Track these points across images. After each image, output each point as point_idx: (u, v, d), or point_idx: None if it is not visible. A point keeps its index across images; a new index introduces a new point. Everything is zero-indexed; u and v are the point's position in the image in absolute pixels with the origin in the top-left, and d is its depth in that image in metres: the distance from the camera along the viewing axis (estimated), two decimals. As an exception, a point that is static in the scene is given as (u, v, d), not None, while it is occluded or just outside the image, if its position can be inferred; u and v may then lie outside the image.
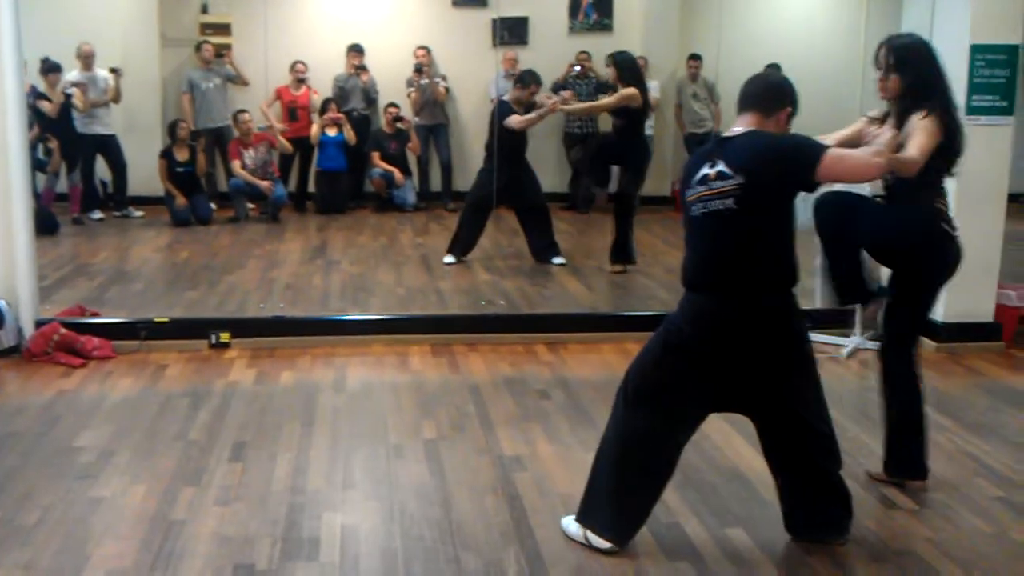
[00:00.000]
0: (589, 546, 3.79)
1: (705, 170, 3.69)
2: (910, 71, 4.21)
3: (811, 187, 3.70)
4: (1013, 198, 6.89)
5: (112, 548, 3.77)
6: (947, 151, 4.21)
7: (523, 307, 7.30)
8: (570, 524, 3.91)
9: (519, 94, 8.62)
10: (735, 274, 3.66)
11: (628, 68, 8.25)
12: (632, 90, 8.07)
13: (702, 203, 3.68)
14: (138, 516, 4.03)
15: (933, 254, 4.33)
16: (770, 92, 3.78)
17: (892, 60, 4.23)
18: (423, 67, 11.57)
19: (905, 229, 4.30)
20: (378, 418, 5.23)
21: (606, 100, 8.48)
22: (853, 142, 4.20)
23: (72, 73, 10.57)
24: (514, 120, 8.40)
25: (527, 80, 8.64)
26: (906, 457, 4.38)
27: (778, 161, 3.61)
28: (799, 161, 3.60)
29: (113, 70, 10.71)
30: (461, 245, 8.75)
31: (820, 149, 3.60)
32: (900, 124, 4.19)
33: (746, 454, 4.64)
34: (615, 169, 8.75)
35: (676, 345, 3.75)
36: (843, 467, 3.90)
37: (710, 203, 3.65)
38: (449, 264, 8.59)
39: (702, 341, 3.71)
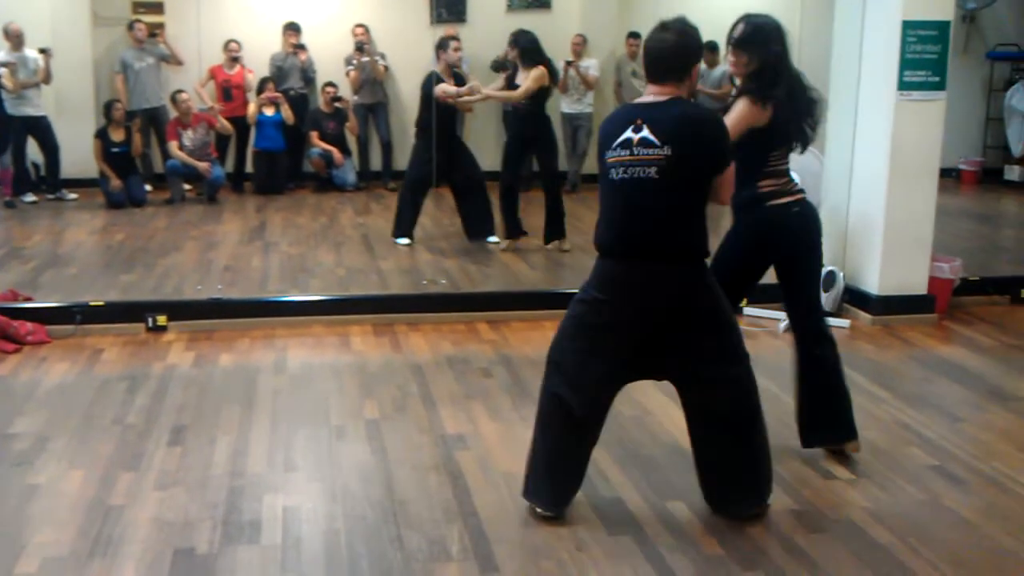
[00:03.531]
0: (535, 514, 3.86)
1: (628, 134, 3.65)
2: (756, 52, 4.15)
3: (722, 171, 3.72)
4: (945, 173, 7.00)
5: (49, 535, 3.72)
6: (768, 135, 4.15)
7: (465, 286, 7.30)
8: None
9: (443, 61, 8.56)
10: (650, 241, 3.67)
11: (531, 49, 8.07)
12: (542, 70, 8.03)
13: (623, 167, 3.65)
14: (75, 502, 3.98)
15: (783, 236, 4.29)
16: (679, 58, 3.71)
17: (739, 39, 4.18)
18: (364, 45, 11.47)
19: (745, 235, 4.34)
20: (319, 399, 5.20)
21: (524, 88, 8.08)
22: None
23: (0, 53, 10.34)
24: (439, 89, 8.33)
25: (446, 45, 8.58)
26: None
27: (705, 138, 3.66)
28: (722, 142, 3.72)
29: (43, 50, 10.47)
30: (406, 225, 8.70)
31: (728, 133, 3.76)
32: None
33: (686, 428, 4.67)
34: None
35: (586, 311, 3.79)
36: (769, 436, 3.96)
37: (631, 168, 3.63)
38: (405, 245, 8.55)
39: (612, 306, 3.72)
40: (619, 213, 3.72)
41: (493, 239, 8.62)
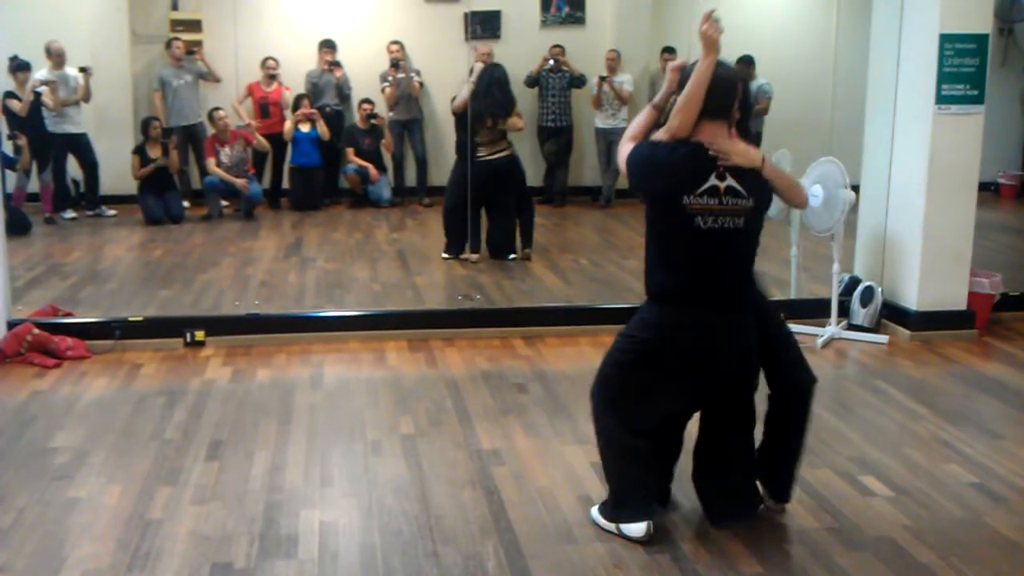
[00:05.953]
0: (622, 535, 3.85)
1: (713, 181, 3.60)
2: None
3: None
4: (984, 187, 6.93)
5: (88, 549, 3.75)
6: None
7: (500, 301, 7.29)
8: (600, 516, 3.97)
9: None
10: (733, 292, 3.72)
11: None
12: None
13: (712, 216, 3.60)
14: (114, 516, 4.01)
15: None
16: (735, 93, 3.69)
17: None
18: (400, 61, 11.53)
19: None
20: (355, 414, 5.22)
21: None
22: None
23: (41, 71, 10.47)
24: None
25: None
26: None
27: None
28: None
29: (83, 69, 10.59)
30: (448, 240, 8.71)
31: None
32: None
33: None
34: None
35: (641, 354, 3.78)
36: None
37: (721, 219, 3.61)
38: (444, 259, 8.57)
39: (672, 353, 3.73)
40: (702, 262, 3.67)
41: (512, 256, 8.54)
